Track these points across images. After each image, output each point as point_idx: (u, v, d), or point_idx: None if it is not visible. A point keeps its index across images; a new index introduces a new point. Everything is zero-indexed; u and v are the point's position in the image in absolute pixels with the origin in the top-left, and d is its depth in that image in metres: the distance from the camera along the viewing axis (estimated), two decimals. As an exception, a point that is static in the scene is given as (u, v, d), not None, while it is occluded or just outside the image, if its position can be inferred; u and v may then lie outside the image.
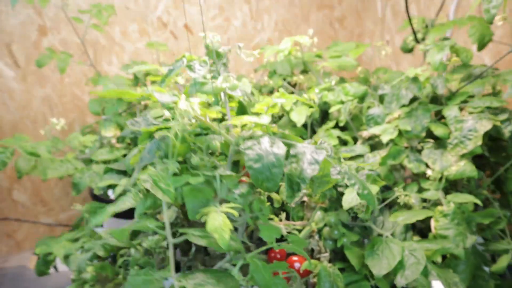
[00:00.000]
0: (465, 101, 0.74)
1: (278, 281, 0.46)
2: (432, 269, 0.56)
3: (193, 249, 0.56)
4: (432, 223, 0.66)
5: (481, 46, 0.89)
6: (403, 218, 0.63)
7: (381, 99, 0.92)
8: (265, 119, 0.49)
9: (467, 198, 0.65)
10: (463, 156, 0.69)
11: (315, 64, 1.01)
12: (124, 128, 1.02)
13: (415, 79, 0.74)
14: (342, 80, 1.04)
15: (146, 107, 1.02)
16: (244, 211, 0.49)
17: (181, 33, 1.47)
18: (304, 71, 1.17)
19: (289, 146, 0.49)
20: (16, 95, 1.30)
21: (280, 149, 0.47)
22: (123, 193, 0.49)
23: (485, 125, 0.66)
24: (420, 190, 0.75)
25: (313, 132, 0.95)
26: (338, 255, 0.68)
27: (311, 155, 0.47)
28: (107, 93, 0.56)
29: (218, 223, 0.41)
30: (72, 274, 0.59)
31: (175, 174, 0.47)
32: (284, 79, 1.17)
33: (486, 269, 0.66)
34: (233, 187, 0.48)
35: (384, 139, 0.74)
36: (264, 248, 0.49)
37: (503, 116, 0.67)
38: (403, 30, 1.09)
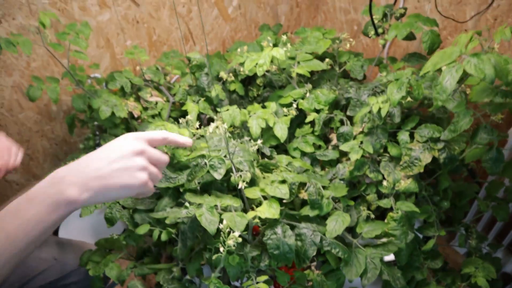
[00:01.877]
0: (415, 126, 0.97)
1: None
2: (384, 270, 0.88)
3: None
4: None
5: (430, 52, 1.09)
6: (366, 231, 0.92)
7: (347, 100, 1.13)
8: (275, 212, 0.71)
9: (410, 207, 0.94)
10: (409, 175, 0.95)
11: (289, 68, 1.15)
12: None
13: (378, 112, 0.95)
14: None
15: (143, 120, 1.14)
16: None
17: (141, -1, 1.47)
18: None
19: (293, 227, 0.73)
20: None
21: (290, 238, 0.71)
22: None
23: (427, 157, 0.92)
24: (378, 191, 1.03)
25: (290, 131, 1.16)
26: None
27: (311, 238, 0.72)
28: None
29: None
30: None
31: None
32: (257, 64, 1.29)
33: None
34: (260, 260, 0.73)
35: (352, 157, 0.98)
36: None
37: (440, 145, 0.92)
38: (365, 13, 1.22)
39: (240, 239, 0.65)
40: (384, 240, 0.95)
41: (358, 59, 1.24)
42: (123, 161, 0.58)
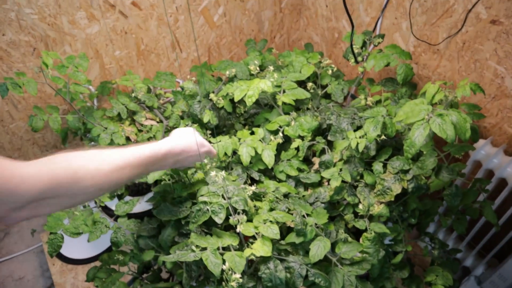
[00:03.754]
0: (388, 157, 1.13)
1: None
2: (358, 286, 1.06)
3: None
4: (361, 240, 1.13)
5: (404, 82, 1.23)
6: (344, 251, 1.09)
7: (329, 126, 1.27)
8: (268, 249, 0.86)
9: (382, 229, 1.11)
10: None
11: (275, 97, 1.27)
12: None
13: (356, 146, 1.09)
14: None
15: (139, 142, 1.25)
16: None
17: (130, 11, 1.53)
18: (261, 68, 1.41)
19: (283, 260, 0.88)
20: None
21: (281, 272, 0.86)
22: None
23: (397, 188, 1.08)
24: (354, 211, 1.19)
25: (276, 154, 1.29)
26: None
27: (298, 271, 0.88)
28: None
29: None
30: None
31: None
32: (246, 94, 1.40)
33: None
34: (254, 290, 0.88)
35: (332, 184, 1.14)
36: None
37: (409, 176, 1.09)
38: (346, 40, 1.34)
39: (241, 280, 0.80)
40: (360, 255, 1.12)
41: (339, 82, 1.37)
42: (195, 159, 0.98)
